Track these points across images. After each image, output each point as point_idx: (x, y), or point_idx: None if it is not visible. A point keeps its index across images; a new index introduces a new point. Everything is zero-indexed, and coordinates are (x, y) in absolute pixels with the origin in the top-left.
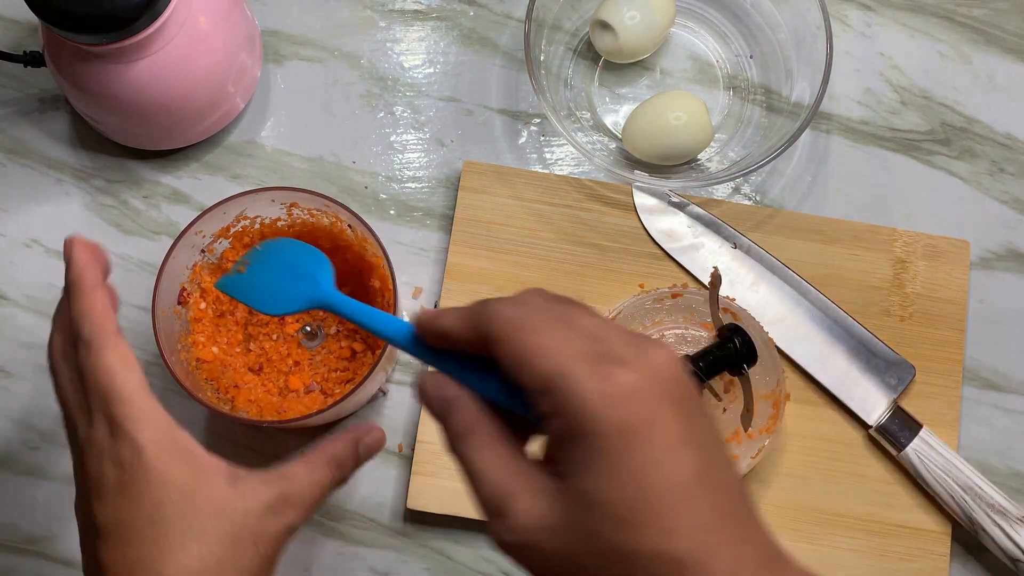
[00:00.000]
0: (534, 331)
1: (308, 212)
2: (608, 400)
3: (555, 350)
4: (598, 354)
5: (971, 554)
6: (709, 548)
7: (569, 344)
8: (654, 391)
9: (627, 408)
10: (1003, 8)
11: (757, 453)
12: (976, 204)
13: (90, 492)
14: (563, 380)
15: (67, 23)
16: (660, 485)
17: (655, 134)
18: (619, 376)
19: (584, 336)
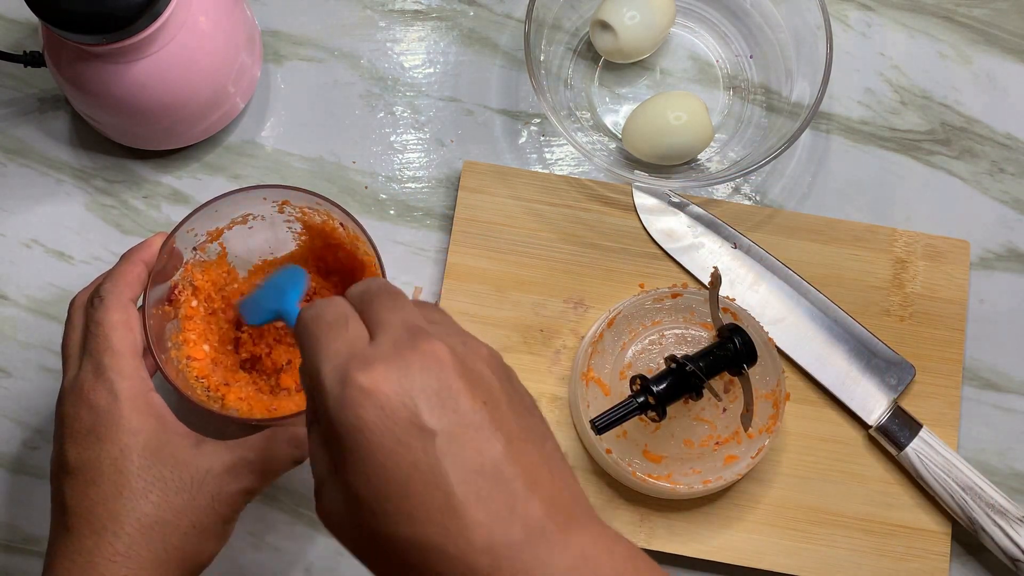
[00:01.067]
0: (310, 332)
1: (300, 210)
2: (344, 402)
3: (317, 352)
4: (353, 355)
5: (971, 554)
6: (450, 531)
7: (332, 345)
8: (399, 388)
9: (363, 408)
10: (1003, 8)
11: (757, 453)
12: (976, 204)
13: (64, 434)
14: (315, 387)
15: (67, 23)
16: (397, 477)
17: (655, 134)
18: (359, 378)
19: (350, 339)
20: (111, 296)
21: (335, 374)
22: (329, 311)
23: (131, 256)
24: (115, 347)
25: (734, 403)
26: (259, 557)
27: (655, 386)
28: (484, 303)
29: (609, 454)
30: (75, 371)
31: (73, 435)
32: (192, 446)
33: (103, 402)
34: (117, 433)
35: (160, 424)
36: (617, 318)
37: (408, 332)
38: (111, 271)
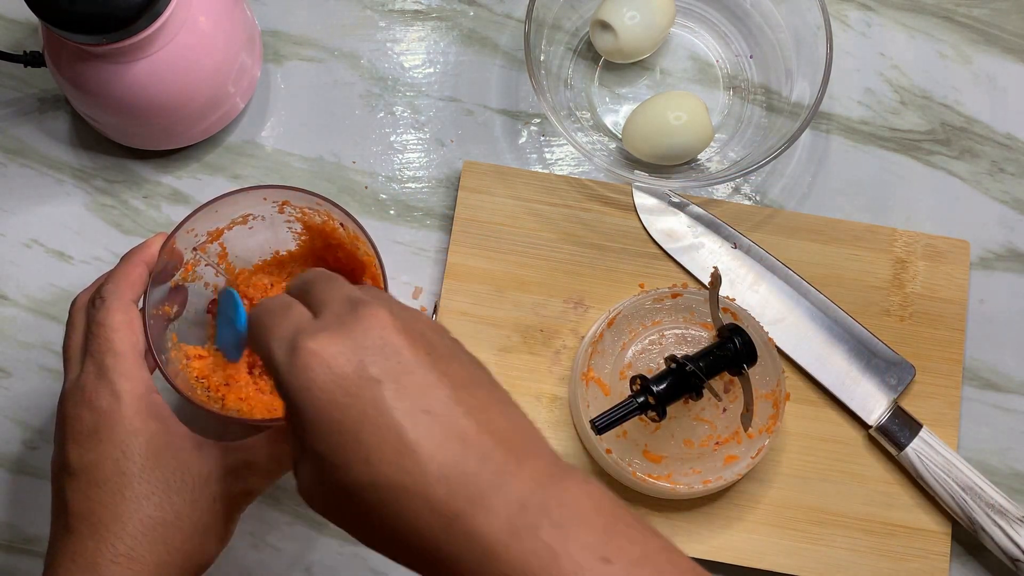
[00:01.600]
0: (259, 323)
1: (300, 210)
2: (294, 369)
3: (266, 337)
4: (299, 330)
5: (971, 554)
6: (405, 467)
7: (279, 327)
8: (344, 347)
9: (312, 370)
10: (1003, 8)
11: (757, 453)
12: (976, 204)
13: (65, 435)
14: (269, 366)
15: (67, 23)
16: (350, 426)
17: (655, 134)
18: (307, 344)
19: (295, 319)
20: (113, 297)
21: (284, 348)
22: (272, 302)
23: (132, 257)
24: (117, 348)
25: (734, 403)
26: (259, 557)
27: (655, 386)
28: (484, 303)
29: (609, 454)
30: (76, 372)
31: (75, 436)
32: (194, 447)
33: (105, 403)
34: (119, 434)
35: (162, 425)
36: (617, 318)
37: (349, 303)
38: (112, 272)
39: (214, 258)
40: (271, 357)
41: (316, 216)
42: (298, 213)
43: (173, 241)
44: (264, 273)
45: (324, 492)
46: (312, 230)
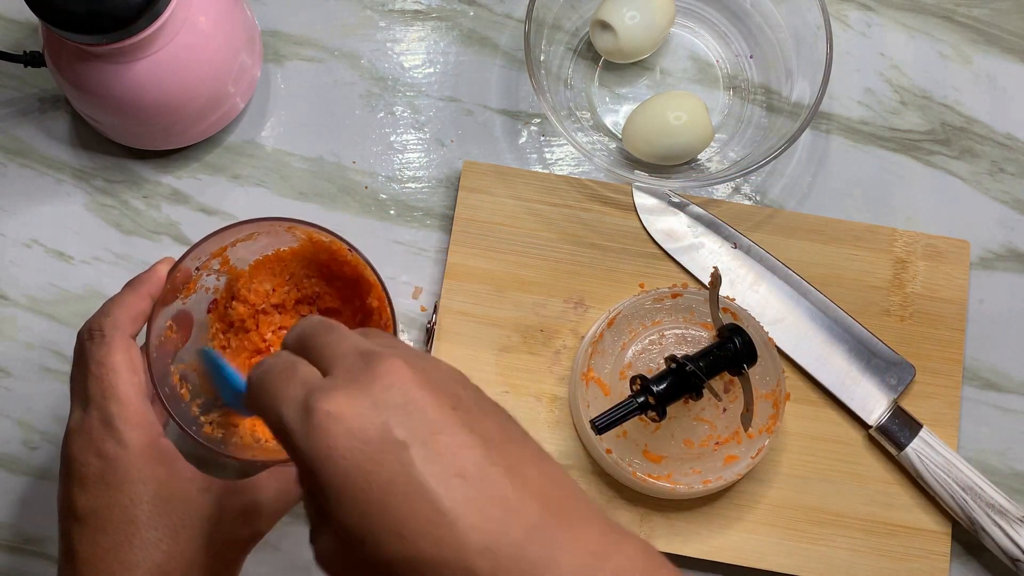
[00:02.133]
0: (262, 387)
1: (306, 233)
2: (311, 434)
3: (273, 402)
4: (311, 390)
5: (971, 554)
6: (443, 541)
7: (287, 389)
8: (364, 408)
9: (331, 435)
10: (1003, 8)
11: (757, 453)
12: (976, 204)
13: (72, 478)
14: (281, 432)
15: (67, 23)
16: (377, 496)
17: (655, 134)
18: (322, 406)
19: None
20: (114, 334)
21: (296, 412)
22: (274, 362)
23: (137, 288)
24: (120, 394)
25: (734, 403)
26: (259, 557)
27: (655, 386)
28: (484, 303)
29: (609, 454)
30: (80, 412)
31: (82, 481)
32: (203, 491)
33: (112, 451)
34: (127, 483)
35: (170, 470)
36: (617, 318)
37: (361, 357)
38: (113, 302)
39: (215, 265)
40: (281, 423)
41: (323, 235)
42: (303, 236)
43: (179, 268)
44: (265, 273)
45: (350, 565)
46: (318, 245)
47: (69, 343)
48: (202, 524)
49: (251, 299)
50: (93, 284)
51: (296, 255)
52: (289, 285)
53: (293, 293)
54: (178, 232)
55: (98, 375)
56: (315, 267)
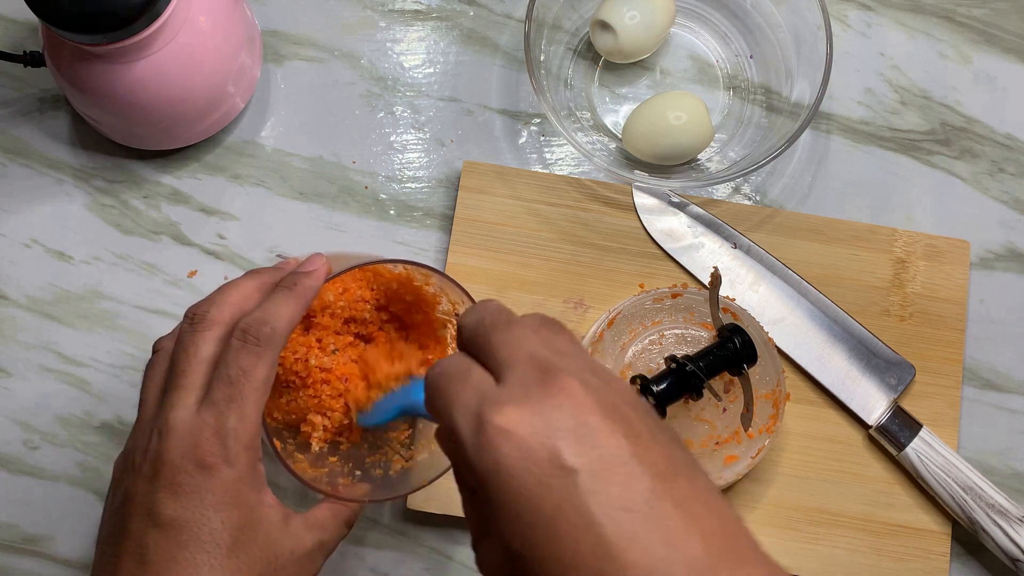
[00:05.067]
0: (437, 390)
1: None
2: (482, 448)
3: (447, 407)
4: (483, 399)
5: (971, 554)
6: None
7: (461, 395)
8: (535, 428)
9: (501, 451)
10: (1003, 8)
11: (757, 453)
12: (976, 204)
13: (162, 478)
14: (453, 441)
15: (67, 23)
16: (543, 521)
17: (655, 134)
18: (494, 420)
19: (476, 386)
20: (269, 347)
21: (469, 422)
22: (450, 365)
23: (300, 298)
24: (247, 410)
25: (734, 403)
26: None
27: (655, 386)
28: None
29: None
30: (189, 409)
31: (174, 487)
32: (281, 523)
33: (216, 467)
34: (222, 504)
35: (259, 498)
36: (617, 318)
37: (536, 369)
38: (274, 312)
39: None
40: (455, 430)
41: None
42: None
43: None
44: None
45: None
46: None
47: (69, 343)
48: (277, 558)
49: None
50: (93, 284)
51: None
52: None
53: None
54: (178, 232)
55: (236, 382)
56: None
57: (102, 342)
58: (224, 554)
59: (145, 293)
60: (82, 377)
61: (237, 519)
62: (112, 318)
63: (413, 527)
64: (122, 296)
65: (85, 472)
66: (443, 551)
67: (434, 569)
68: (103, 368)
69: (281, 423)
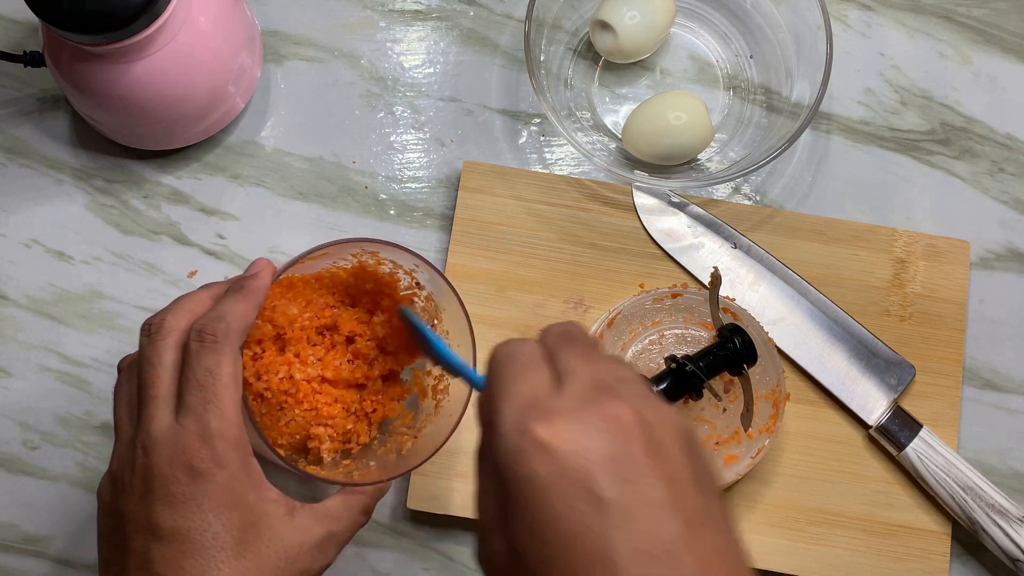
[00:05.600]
0: (499, 372)
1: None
2: (521, 452)
3: (497, 398)
4: (534, 403)
5: (971, 554)
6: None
7: (516, 389)
8: (577, 447)
9: (537, 462)
10: (1003, 8)
11: (757, 453)
12: (976, 204)
13: (154, 491)
14: (493, 427)
15: (67, 23)
16: (561, 540)
17: (655, 134)
18: (538, 429)
19: (535, 384)
20: (227, 342)
21: (515, 419)
22: (522, 351)
23: (249, 297)
24: (225, 408)
25: (734, 403)
26: None
27: (655, 386)
28: (484, 303)
29: None
30: (167, 419)
31: (169, 498)
32: (286, 517)
33: (207, 469)
34: (220, 506)
35: (259, 494)
36: (617, 318)
37: (595, 387)
38: (228, 309)
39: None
40: (498, 418)
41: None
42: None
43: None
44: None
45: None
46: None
47: (69, 343)
48: (285, 552)
49: (277, 319)
50: (93, 284)
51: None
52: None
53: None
54: (178, 232)
55: (205, 383)
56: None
57: (102, 342)
58: (231, 556)
59: (145, 293)
60: (82, 377)
61: (238, 519)
62: (112, 318)
63: (413, 527)
64: (122, 296)
65: (85, 472)
66: (443, 551)
67: (434, 569)
68: (103, 368)
69: (288, 447)
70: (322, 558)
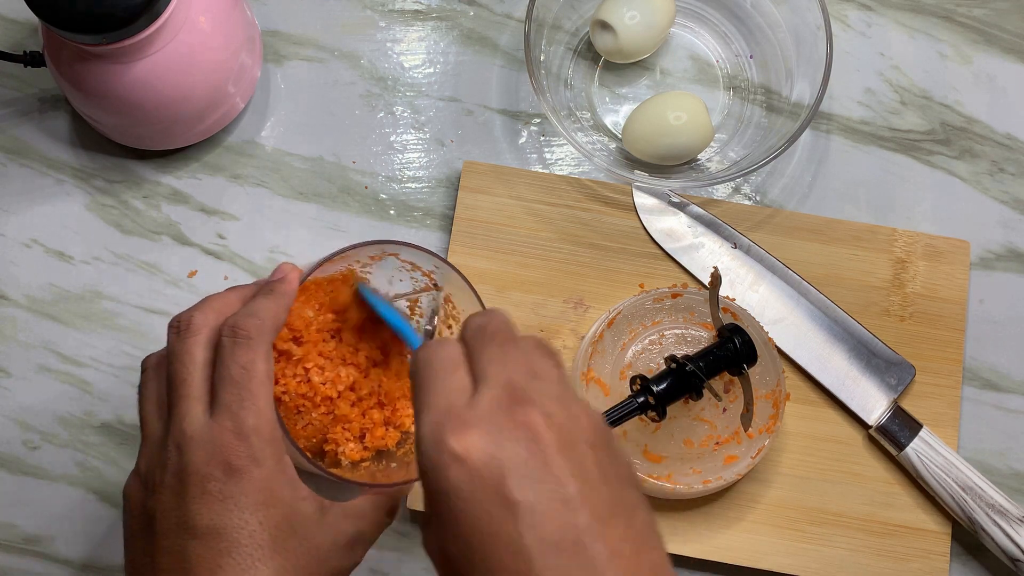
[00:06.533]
0: (419, 376)
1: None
2: (438, 465)
3: (418, 406)
4: (450, 412)
5: (971, 554)
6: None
7: (435, 396)
8: (489, 457)
9: (453, 474)
10: (1003, 8)
11: (757, 453)
12: (976, 204)
13: (191, 489)
14: (416, 438)
15: (67, 23)
16: (480, 543)
17: (655, 134)
18: (452, 442)
19: (452, 391)
20: (261, 339)
21: (431, 432)
22: (438, 357)
23: (279, 298)
24: (260, 406)
25: (734, 403)
26: None
27: (655, 386)
28: (484, 303)
29: None
30: (202, 417)
31: (205, 496)
32: (318, 514)
33: (244, 467)
34: (257, 504)
35: (293, 492)
36: (617, 318)
37: (509, 393)
38: (260, 306)
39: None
40: (418, 429)
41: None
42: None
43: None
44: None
45: (444, 564)
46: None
47: (69, 343)
48: (318, 550)
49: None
50: (93, 284)
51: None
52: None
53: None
54: (178, 232)
55: (240, 380)
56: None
57: (102, 342)
58: (267, 554)
59: (145, 293)
60: (82, 377)
61: (274, 517)
62: (112, 318)
63: (413, 527)
64: (122, 296)
65: (85, 472)
66: None
67: (434, 569)
68: (103, 368)
69: (307, 450)
70: (351, 557)
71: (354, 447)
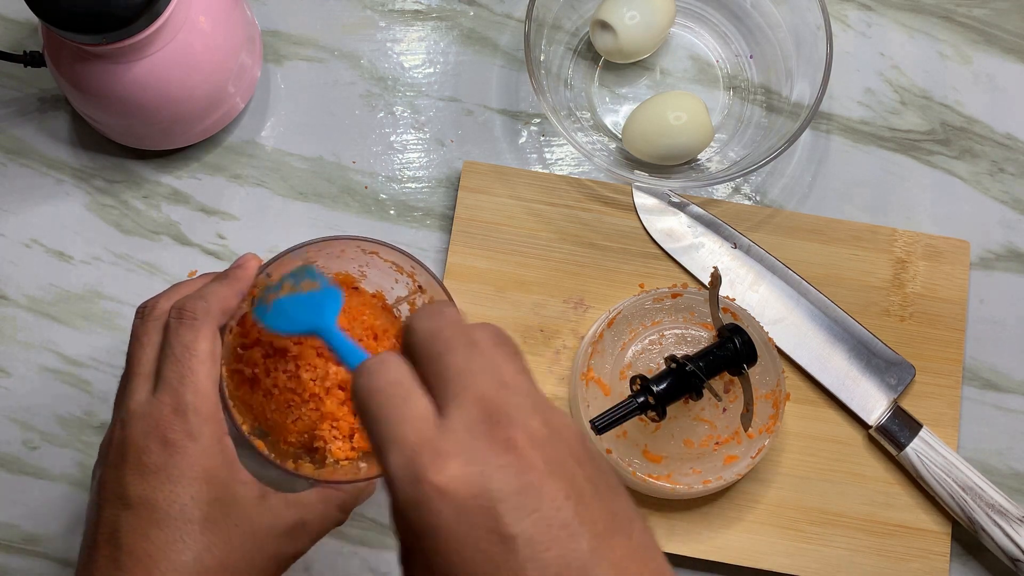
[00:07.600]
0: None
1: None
2: (420, 503)
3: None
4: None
5: (971, 554)
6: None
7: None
8: (477, 490)
9: (439, 511)
10: (1003, 8)
11: (757, 453)
12: (976, 204)
13: (127, 461)
14: (387, 478)
15: (67, 23)
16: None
17: (655, 134)
18: (433, 478)
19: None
20: (206, 320)
21: (406, 469)
22: (386, 379)
23: (231, 283)
24: (200, 383)
25: (734, 403)
26: None
27: (655, 386)
28: (484, 303)
29: (609, 454)
30: (146, 394)
31: (140, 468)
32: (257, 499)
33: (179, 441)
34: (191, 478)
35: (230, 473)
36: (617, 318)
37: (482, 413)
38: (208, 290)
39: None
40: (387, 469)
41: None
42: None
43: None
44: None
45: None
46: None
47: (69, 343)
48: (254, 534)
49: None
50: (93, 284)
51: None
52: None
53: None
54: (178, 232)
55: (180, 358)
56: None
57: (102, 342)
58: (197, 529)
59: (145, 293)
60: (82, 377)
61: (207, 493)
62: (112, 318)
63: None
64: (122, 296)
65: (85, 472)
66: None
67: None
68: (103, 368)
69: (297, 445)
70: (292, 545)
71: (342, 445)
